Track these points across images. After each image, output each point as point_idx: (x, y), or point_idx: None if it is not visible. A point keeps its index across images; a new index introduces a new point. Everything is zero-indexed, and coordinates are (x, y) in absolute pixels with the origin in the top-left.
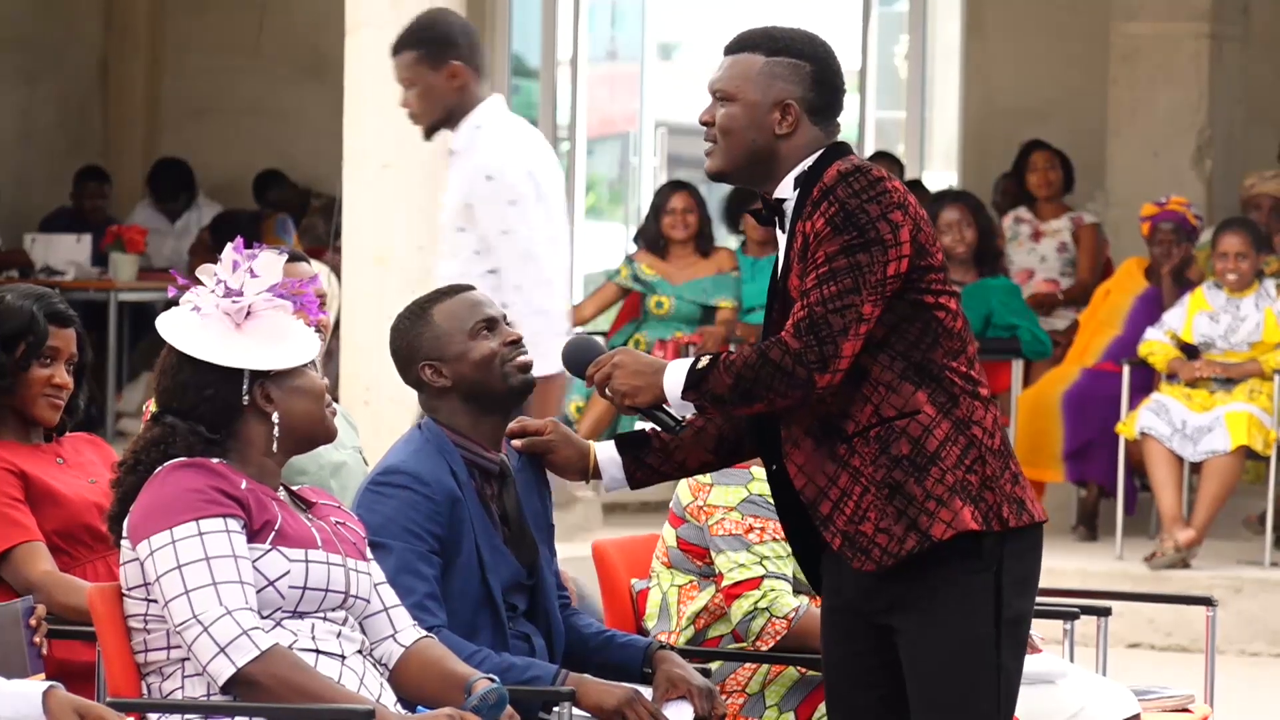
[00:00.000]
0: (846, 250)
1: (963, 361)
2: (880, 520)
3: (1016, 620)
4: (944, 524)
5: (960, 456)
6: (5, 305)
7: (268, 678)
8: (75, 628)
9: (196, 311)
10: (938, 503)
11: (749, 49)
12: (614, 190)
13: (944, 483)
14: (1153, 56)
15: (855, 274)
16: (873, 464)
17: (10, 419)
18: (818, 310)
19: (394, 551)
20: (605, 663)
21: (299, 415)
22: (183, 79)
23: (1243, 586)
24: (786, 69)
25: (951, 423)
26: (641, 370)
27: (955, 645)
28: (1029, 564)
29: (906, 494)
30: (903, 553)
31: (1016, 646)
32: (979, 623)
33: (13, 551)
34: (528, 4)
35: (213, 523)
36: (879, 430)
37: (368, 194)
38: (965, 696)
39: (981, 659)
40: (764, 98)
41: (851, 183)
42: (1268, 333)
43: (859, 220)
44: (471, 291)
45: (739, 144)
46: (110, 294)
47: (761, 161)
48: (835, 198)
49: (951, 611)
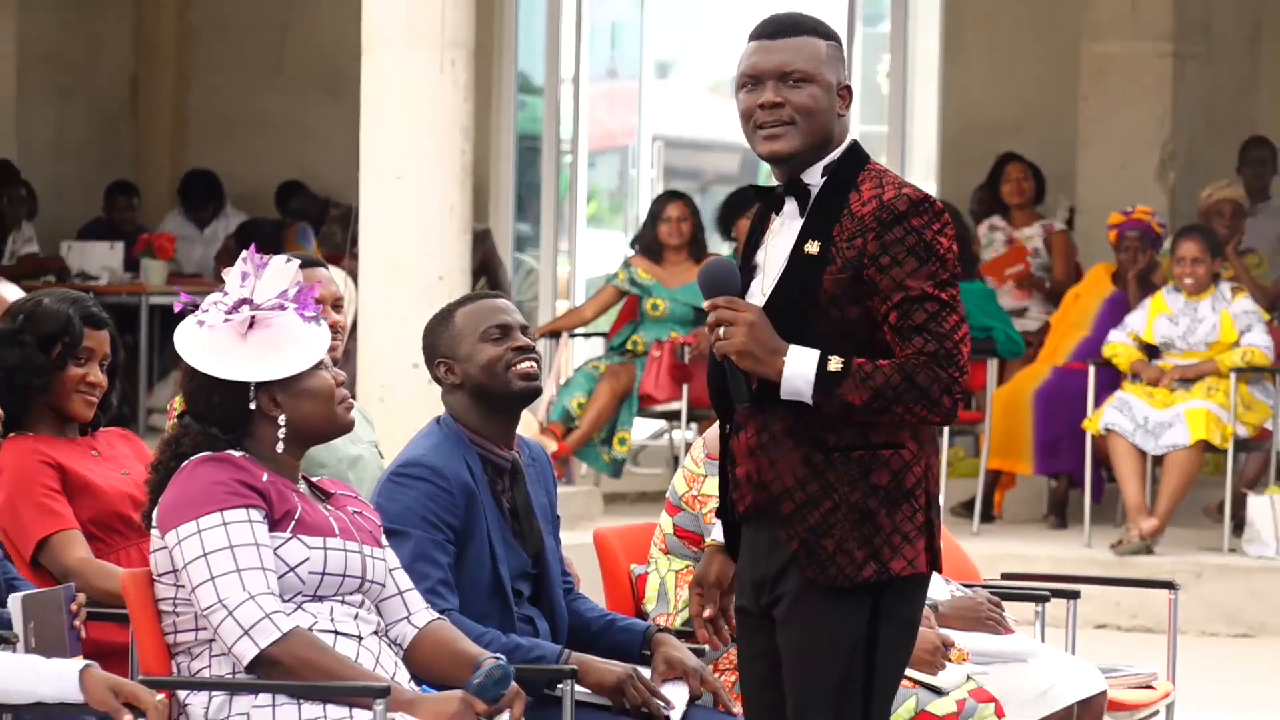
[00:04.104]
0: (939, 283)
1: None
2: (844, 541)
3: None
4: (905, 560)
5: (927, 499)
6: (43, 308)
7: (289, 658)
8: (109, 610)
9: (201, 325)
10: (903, 539)
11: (806, 32)
12: (613, 200)
13: (913, 521)
14: (1120, 74)
15: (956, 305)
16: (849, 484)
17: (48, 415)
18: (945, 345)
19: (412, 539)
20: (606, 644)
21: (306, 416)
22: (208, 96)
23: (1203, 571)
24: (838, 53)
25: (924, 464)
26: (765, 342)
27: (824, 647)
28: (918, 606)
29: (876, 523)
30: (859, 579)
31: (888, 664)
32: (853, 628)
33: (50, 539)
34: (533, 25)
35: (236, 513)
36: (863, 454)
37: (382, 204)
38: (823, 695)
39: (849, 667)
40: (835, 80)
41: (924, 212)
42: (1223, 333)
43: (937, 252)
44: (497, 299)
45: (820, 125)
46: (141, 298)
47: (824, 144)
48: (910, 226)
49: (825, 620)
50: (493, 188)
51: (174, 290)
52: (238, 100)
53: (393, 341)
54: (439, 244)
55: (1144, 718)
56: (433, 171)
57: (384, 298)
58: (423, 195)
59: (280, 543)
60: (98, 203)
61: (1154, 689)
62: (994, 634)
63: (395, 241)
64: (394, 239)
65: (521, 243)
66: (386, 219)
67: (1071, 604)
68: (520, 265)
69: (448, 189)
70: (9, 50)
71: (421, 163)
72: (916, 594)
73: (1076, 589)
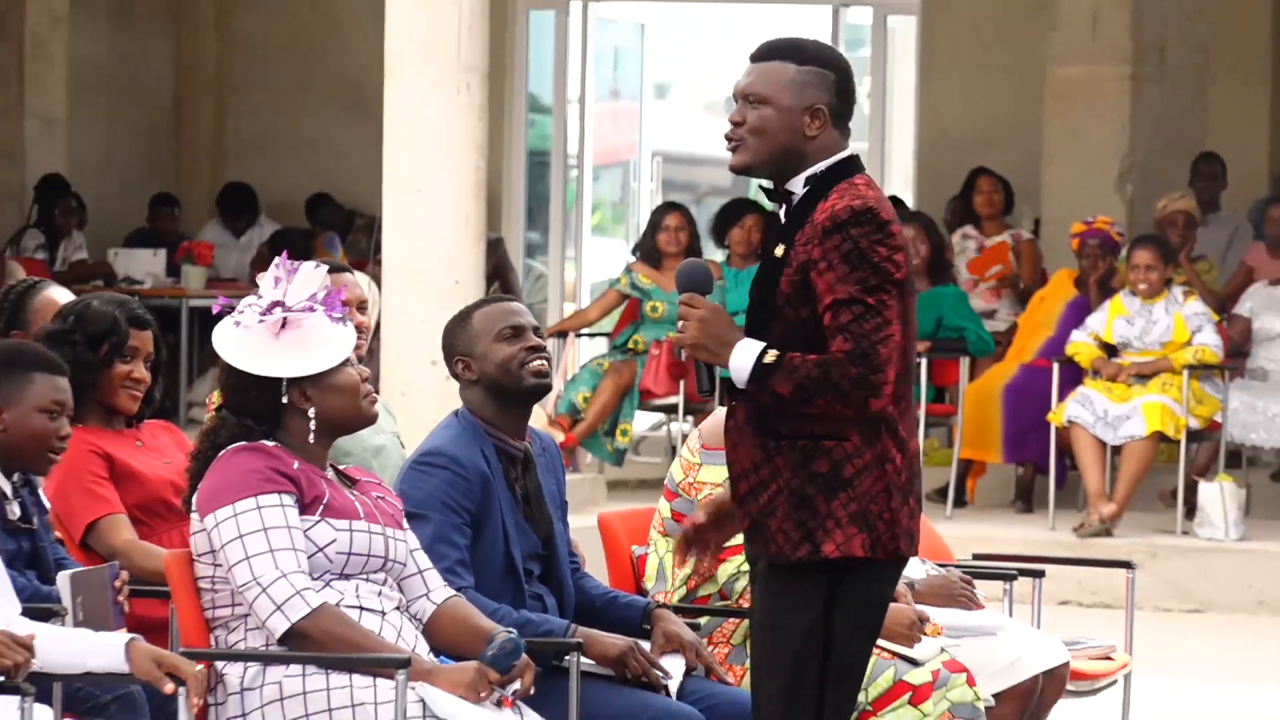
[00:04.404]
0: (869, 288)
1: (895, 403)
2: (784, 522)
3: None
4: (835, 545)
5: (869, 487)
6: (92, 310)
7: (318, 631)
8: (153, 588)
9: (237, 325)
10: (835, 524)
11: (780, 57)
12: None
13: (847, 509)
14: (1082, 95)
15: (883, 309)
16: (791, 470)
17: (96, 408)
18: (864, 343)
19: (432, 522)
20: (609, 619)
21: (333, 409)
22: (244, 115)
23: (1157, 552)
24: (816, 77)
25: (872, 455)
26: (716, 336)
27: (778, 626)
28: (879, 590)
29: (813, 508)
30: (793, 558)
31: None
32: (806, 609)
33: (98, 523)
34: (542, 50)
35: (269, 498)
36: (806, 444)
37: (403, 214)
38: (770, 667)
39: (805, 646)
40: (796, 103)
41: (864, 223)
42: (1176, 333)
43: (871, 259)
44: (511, 302)
45: (770, 143)
46: (182, 300)
47: (788, 159)
48: (849, 235)
49: (779, 599)
50: (505, 199)
51: (212, 294)
52: (271, 119)
53: (412, 341)
54: (455, 251)
55: (1103, 686)
56: (450, 185)
57: (404, 301)
58: (440, 206)
59: (310, 525)
60: (142, 213)
61: (1113, 660)
62: (966, 610)
63: (415, 249)
64: (414, 247)
65: (531, 250)
66: (407, 228)
67: (1037, 582)
68: (530, 271)
69: (463, 201)
70: (62, 74)
71: (439, 177)
72: (874, 580)
73: (1042, 568)
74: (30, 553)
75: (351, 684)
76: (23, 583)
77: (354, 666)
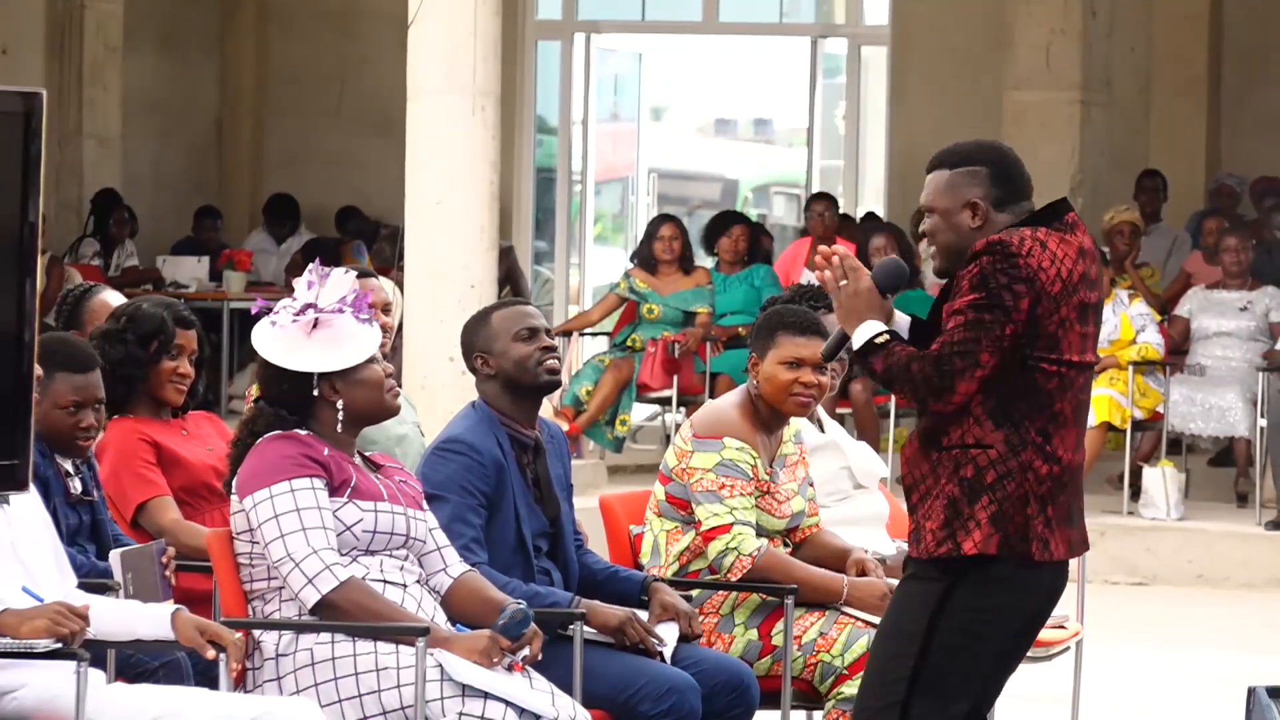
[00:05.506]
0: (976, 307)
1: (1043, 419)
2: (936, 523)
3: (960, 630)
4: (974, 544)
5: (1010, 492)
6: (142, 312)
7: (346, 602)
8: (196, 564)
9: (273, 325)
10: (976, 525)
11: (939, 166)
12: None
13: (988, 510)
14: (1036, 118)
15: (979, 328)
16: (945, 477)
17: (145, 400)
18: (946, 351)
19: (450, 503)
20: (610, 592)
21: (360, 402)
22: (281, 135)
23: (1106, 531)
24: (966, 176)
25: (1016, 464)
26: (854, 309)
27: (892, 618)
28: (1009, 594)
29: (958, 509)
30: (937, 553)
31: (961, 652)
32: (917, 612)
33: (147, 504)
34: (548, 76)
35: (302, 482)
36: (958, 452)
37: (424, 225)
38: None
39: (903, 646)
40: (954, 204)
41: (993, 253)
42: (1123, 332)
43: (988, 285)
44: (526, 305)
45: (943, 243)
46: (224, 303)
47: (962, 253)
48: (980, 263)
49: (902, 595)
50: (515, 211)
51: (251, 297)
52: (305, 139)
53: (432, 339)
54: (471, 258)
55: (1058, 653)
56: (466, 198)
57: (425, 303)
58: (458, 218)
59: (338, 506)
60: (188, 224)
61: (1066, 629)
62: None
63: (435, 256)
64: (434, 254)
65: (539, 257)
66: (428, 237)
67: None
68: (538, 276)
69: (479, 212)
70: (116, 98)
71: (457, 191)
72: (991, 586)
73: None
74: (91, 526)
75: (376, 650)
76: (81, 559)
77: (378, 635)
